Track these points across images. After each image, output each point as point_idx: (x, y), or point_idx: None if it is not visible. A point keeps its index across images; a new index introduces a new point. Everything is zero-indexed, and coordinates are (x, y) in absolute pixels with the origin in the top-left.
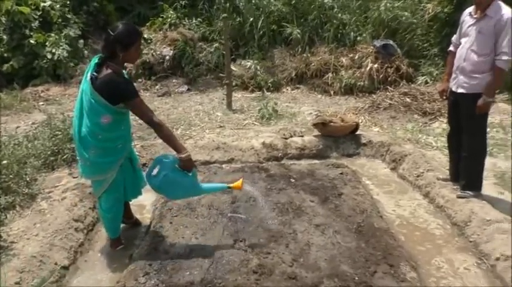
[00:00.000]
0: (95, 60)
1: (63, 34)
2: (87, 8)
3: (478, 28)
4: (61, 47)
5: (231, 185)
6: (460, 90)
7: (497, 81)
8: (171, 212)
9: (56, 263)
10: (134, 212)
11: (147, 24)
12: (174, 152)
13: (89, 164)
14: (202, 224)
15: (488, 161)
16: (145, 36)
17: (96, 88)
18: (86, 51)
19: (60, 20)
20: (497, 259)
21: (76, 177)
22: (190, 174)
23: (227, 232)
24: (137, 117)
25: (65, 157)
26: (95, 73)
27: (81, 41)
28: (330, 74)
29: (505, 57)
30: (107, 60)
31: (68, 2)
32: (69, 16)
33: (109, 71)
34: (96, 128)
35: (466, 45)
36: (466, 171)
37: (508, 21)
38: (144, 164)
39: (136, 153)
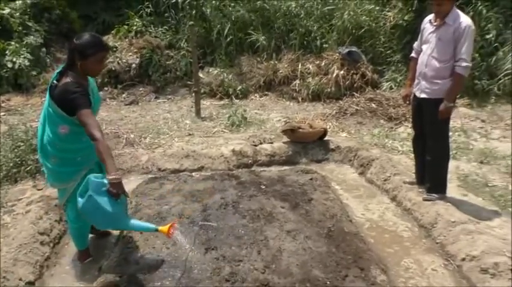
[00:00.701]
0: (59, 69)
1: (24, 42)
2: (49, 15)
3: (438, 35)
4: (22, 56)
5: (160, 228)
6: (423, 96)
7: (457, 87)
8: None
9: (20, 279)
10: None
11: (112, 31)
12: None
13: (49, 172)
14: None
15: (451, 164)
16: (110, 44)
17: (54, 97)
18: (48, 60)
19: (20, 28)
20: (463, 259)
21: (40, 189)
22: (119, 201)
23: (198, 240)
24: (104, 127)
25: (28, 168)
26: (55, 81)
27: (44, 49)
28: (298, 81)
29: (464, 64)
30: (67, 69)
31: (29, 10)
32: (30, 24)
33: (67, 79)
34: (54, 138)
35: (427, 52)
36: (431, 174)
37: (466, 29)
38: None
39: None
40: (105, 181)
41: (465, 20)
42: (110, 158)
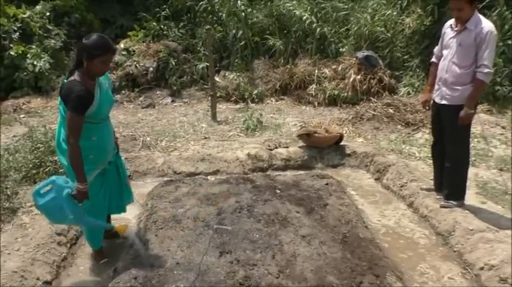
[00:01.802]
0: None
1: (44, 46)
2: (68, 19)
3: (459, 41)
4: (43, 59)
5: (117, 226)
6: (443, 102)
7: (477, 93)
8: (156, 225)
9: (38, 279)
10: (118, 222)
11: (130, 35)
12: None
13: (68, 173)
14: (188, 236)
15: (470, 171)
16: (127, 47)
17: (61, 95)
18: (68, 63)
19: (40, 31)
20: (482, 268)
21: None
22: (80, 204)
23: (213, 244)
24: (121, 130)
25: (47, 169)
26: (65, 80)
27: (63, 52)
28: (314, 86)
29: (485, 70)
30: (75, 69)
31: (48, 14)
32: (50, 27)
33: (72, 78)
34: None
35: (447, 57)
36: (449, 181)
37: (488, 34)
38: (128, 176)
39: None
40: (70, 187)
41: (487, 25)
42: (82, 169)
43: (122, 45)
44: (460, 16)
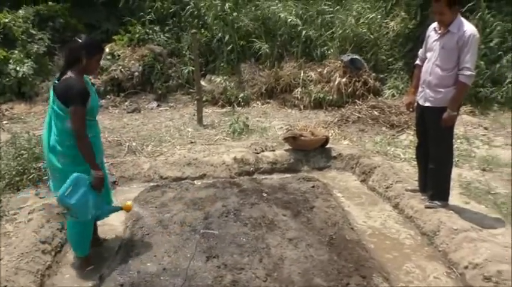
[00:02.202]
0: (58, 75)
1: (27, 51)
2: (52, 24)
3: (442, 44)
4: (26, 64)
5: (123, 206)
6: (427, 104)
7: (460, 95)
8: (142, 231)
9: None
10: (104, 232)
11: (115, 39)
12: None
13: (58, 175)
14: (174, 241)
15: (453, 172)
16: (112, 52)
17: (57, 93)
18: (51, 68)
19: (23, 36)
20: (466, 267)
21: (43, 197)
22: (99, 194)
23: (200, 248)
24: (106, 135)
25: (30, 176)
26: (56, 81)
27: (47, 57)
28: (299, 89)
29: (467, 73)
30: (67, 69)
31: (32, 18)
32: (33, 32)
33: (68, 75)
34: (63, 135)
35: (431, 60)
36: (434, 182)
37: (470, 37)
38: (114, 182)
39: (107, 171)
40: (89, 179)
41: (469, 28)
42: (93, 156)
43: (107, 50)
44: (442, 19)
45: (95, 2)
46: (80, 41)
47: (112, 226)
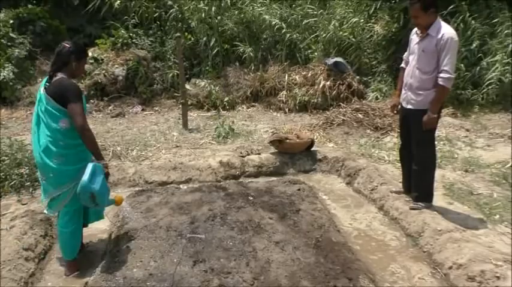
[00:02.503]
0: (46, 78)
1: (8, 55)
2: (33, 27)
3: (422, 47)
4: (6, 69)
5: (115, 198)
6: (408, 106)
7: (440, 98)
8: (128, 236)
9: None
10: (89, 237)
11: (98, 43)
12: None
13: (52, 176)
14: (160, 246)
15: (437, 173)
16: (96, 56)
17: (50, 94)
18: (33, 73)
19: (3, 40)
20: (450, 267)
21: (25, 204)
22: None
23: (186, 253)
24: None
25: (12, 183)
26: (47, 84)
27: (28, 61)
28: (284, 92)
29: (446, 75)
30: (56, 72)
31: (12, 22)
32: (14, 36)
33: (59, 76)
34: (56, 135)
35: (412, 63)
36: (417, 183)
37: (449, 40)
38: None
39: None
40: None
41: (447, 31)
42: (99, 147)
43: (90, 54)
44: (417, 22)
45: (76, 5)
46: (68, 46)
47: (97, 230)
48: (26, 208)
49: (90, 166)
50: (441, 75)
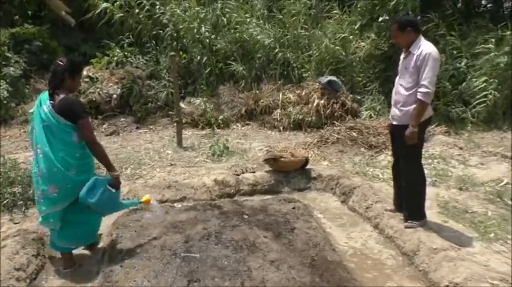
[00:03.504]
0: (44, 93)
1: (2, 74)
2: (29, 46)
3: (405, 64)
4: (1, 87)
5: (142, 200)
6: (394, 122)
7: (418, 112)
8: (122, 255)
9: None
10: (82, 257)
11: (93, 62)
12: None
13: (70, 187)
14: (154, 265)
15: (431, 191)
16: (90, 75)
17: (57, 111)
18: (27, 91)
19: None
20: (446, 286)
21: (17, 223)
22: (115, 191)
23: (181, 273)
24: None
25: (5, 202)
26: (51, 102)
27: (23, 80)
28: (279, 110)
29: (424, 90)
30: (55, 90)
31: (8, 41)
32: (9, 55)
33: (62, 95)
34: (72, 148)
35: (397, 80)
36: (407, 200)
37: (427, 56)
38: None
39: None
40: (109, 177)
41: (426, 47)
42: (109, 160)
43: (85, 73)
44: (397, 42)
45: (72, 26)
46: (62, 63)
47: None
48: (19, 227)
49: (91, 180)
50: (420, 90)
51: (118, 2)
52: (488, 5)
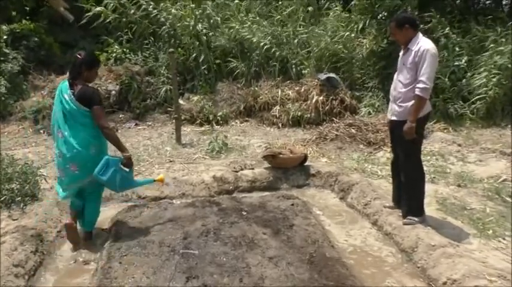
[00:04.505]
0: (64, 83)
1: (1, 70)
2: (27, 43)
3: (403, 61)
4: None
5: (156, 178)
6: (393, 118)
7: (417, 107)
8: (120, 252)
9: None
10: (81, 253)
11: None
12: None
13: (90, 165)
14: (153, 262)
15: (430, 188)
16: None
17: (77, 99)
18: (26, 87)
19: None
20: (444, 283)
21: (16, 219)
22: (128, 170)
23: (179, 269)
24: None
25: (3, 198)
26: (72, 91)
27: (21, 76)
28: (278, 107)
29: (422, 85)
30: (74, 81)
31: (5, 37)
32: (7, 51)
33: (80, 86)
34: (91, 129)
35: (396, 76)
36: (407, 195)
37: (425, 52)
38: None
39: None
40: (120, 158)
41: (424, 44)
42: (121, 142)
43: None
44: (396, 39)
45: (70, 22)
46: (80, 57)
47: (90, 245)
48: (17, 223)
49: (103, 160)
50: (418, 85)
51: (112, 5)
52: (487, 2)
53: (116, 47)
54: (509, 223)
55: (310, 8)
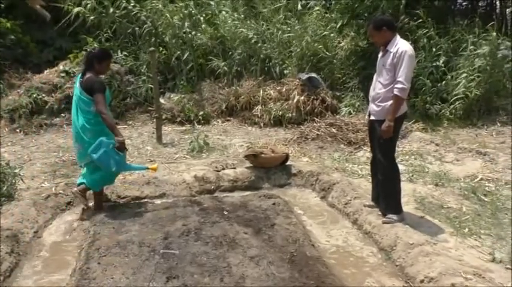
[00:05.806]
0: (79, 74)
1: None
2: (2, 41)
3: (382, 62)
4: None
5: (149, 166)
6: (372, 117)
7: (394, 107)
8: (99, 252)
9: None
10: (58, 252)
11: (70, 57)
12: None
13: (86, 146)
14: (132, 262)
15: (408, 187)
16: (67, 69)
17: (83, 87)
18: (2, 86)
19: None
20: (422, 281)
21: None
22: (122, 154)
23: (159, 269)
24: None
25: None
26: (81, 80)
27: None
28: (259, 107)
29: (400, 86)
30: (86, 71)
31: None
32: None
33: (88, 75)
34: (90, 116)
35: (375, 77)
36: (383, 193)
37: (403, 54)
38: (69, 203)
39: (60, 191)
40: (114, 141)
41: (402, 45)
42: (116, 127)
43: (61, 67)
44: (374, 41)
45: (47, 20)
46: (92, 51)
47: (67, 245)
48: None
49: (98, 140)
50: (396, 85)
51: (90, 5)
52: (464, 3)
53: (95, 45)
54: (485, 222)
55: (299, 6)
